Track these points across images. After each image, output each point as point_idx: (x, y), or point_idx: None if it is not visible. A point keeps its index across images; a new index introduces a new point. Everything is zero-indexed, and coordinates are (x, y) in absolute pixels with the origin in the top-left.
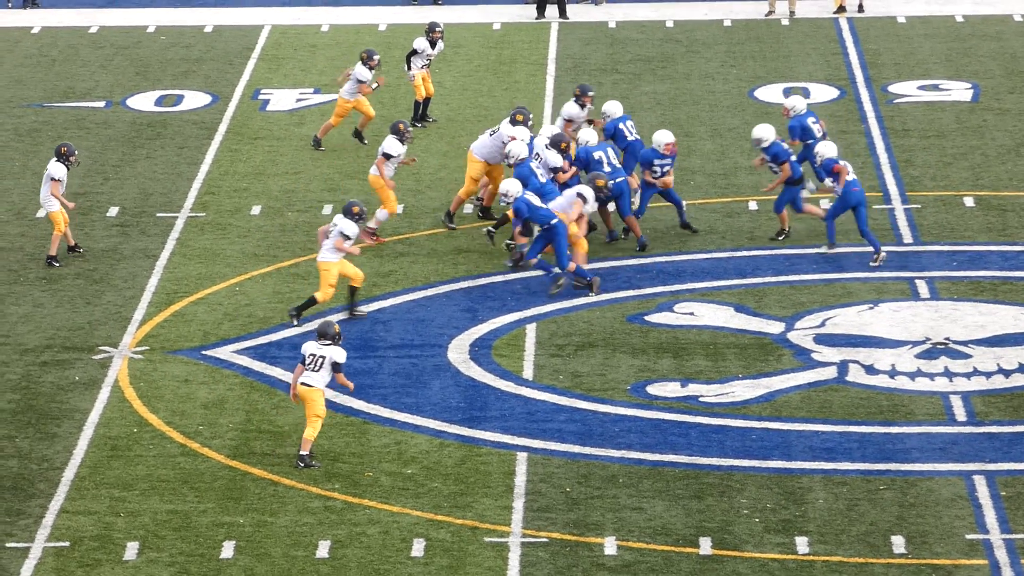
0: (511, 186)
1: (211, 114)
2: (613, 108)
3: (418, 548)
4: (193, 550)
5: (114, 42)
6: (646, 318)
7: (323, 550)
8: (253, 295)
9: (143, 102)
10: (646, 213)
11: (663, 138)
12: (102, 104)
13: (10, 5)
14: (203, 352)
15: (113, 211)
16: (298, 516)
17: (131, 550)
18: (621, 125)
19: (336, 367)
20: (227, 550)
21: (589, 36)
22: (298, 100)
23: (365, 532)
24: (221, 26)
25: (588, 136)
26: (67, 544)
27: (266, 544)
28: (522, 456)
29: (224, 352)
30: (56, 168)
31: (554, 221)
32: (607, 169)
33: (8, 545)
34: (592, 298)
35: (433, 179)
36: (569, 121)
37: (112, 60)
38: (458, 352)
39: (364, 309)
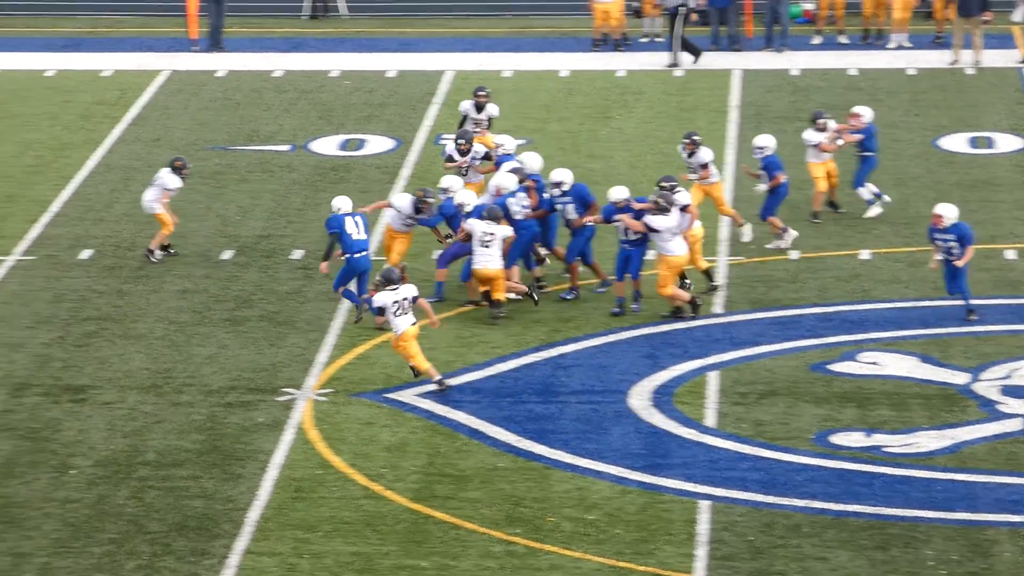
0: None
1: (394, 159)
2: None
3: None
4: None
5: (298, 86)
6: (829, 367)
7: None
8: (436, 339)
9: (326, 146)
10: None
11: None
12: (286, 148)
13: (196, 48)
14: (386, 395)
15: (297, 254)
16: (480, 560)
17: None
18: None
19: (415, 299)
20: None
21: (772, 83)
22: None
23: None
24: (404, 71)
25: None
26: None
27: None
28: (704, 504)
29: (407, 395)
30: (171, 179)
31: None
32: None
33: None
34: (773, 347)
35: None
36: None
37: (296, 104)
38: (639, 399)
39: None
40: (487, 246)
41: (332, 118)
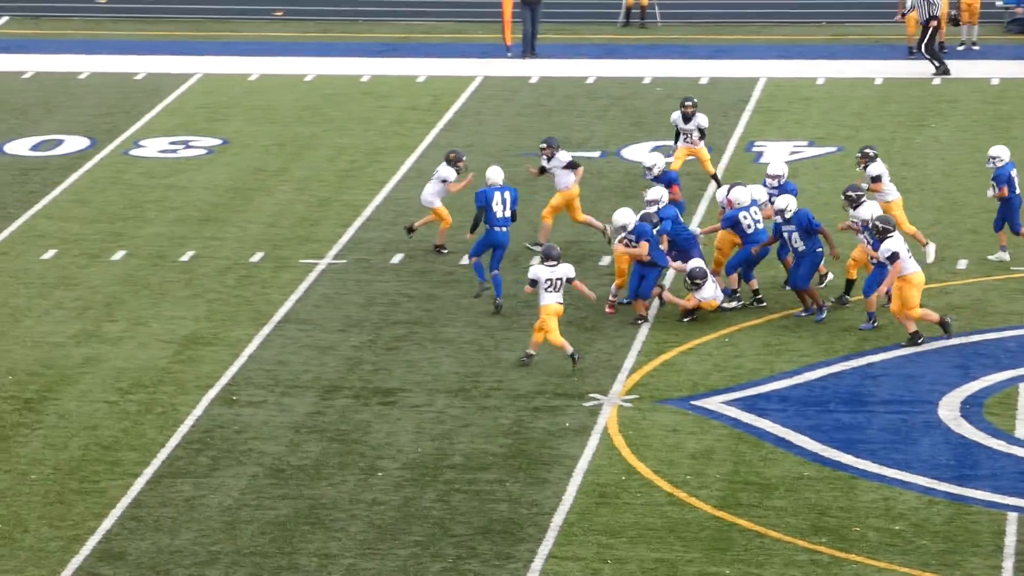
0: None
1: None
2: None
3: None
4: None
5: (610, 92)
6: None
7: None
8: (743, 346)
9: (638, 153)
10: None
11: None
12: (597, 154)
13: (510, 55)
14: (691, 402)
15: (606, 260)
16: (784, 569)
17: None
18: None
19: (570, 280)
20: None
21: None
22: (792, 152)
23: None
24: (716, 78)
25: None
26: None
27: None
28: (1012, 516)
29: (712, 403)
30: (447, 171)
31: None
32: None
33: None
34: None
35: (926, 235)
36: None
37: (608, 111)
38: (949, 409)
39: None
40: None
41: (644, 124)
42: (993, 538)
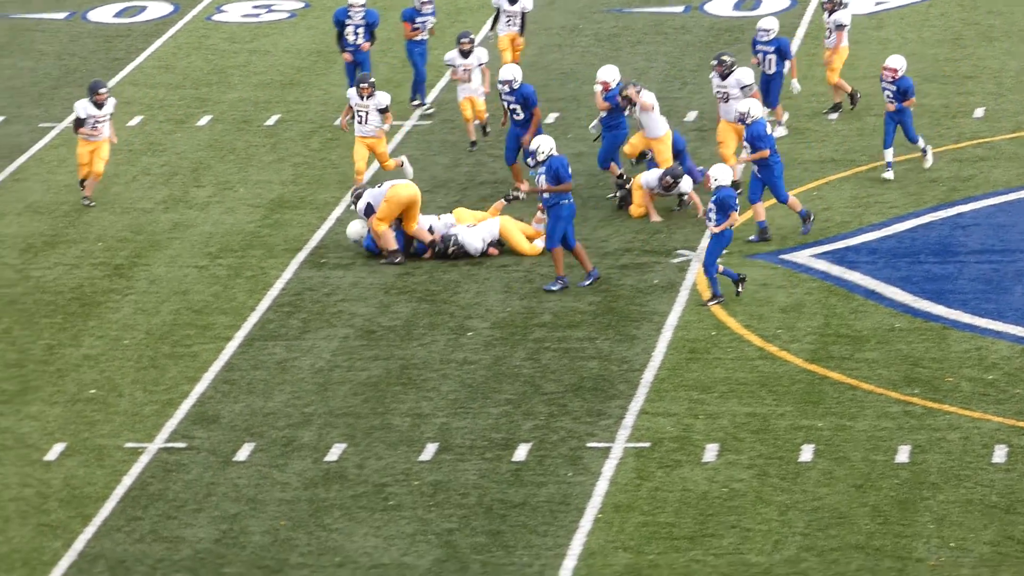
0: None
1: (789, 18)
2: None
3: (999, 454)
4: (772, 453)
5: None
6: None
7: (903, 455)
8: (831, 199)
9: (721, 7)
10: None
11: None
12: (680, 9)
13: None
14: (780, 256)
15: (691, 115)
16: (877, 421)
17: (710, 452)
18: None
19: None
20: (806, 453)
21: None
22: (877, 4)
23: (945, 437)
24: None
25: None
26: (647, 445)
27: (845, 448)
28: None
29: (802, 256)
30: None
31: None
32: None
33: (589, 445)
34: None
35: (1015, 82)
36: None
37: None
38: None
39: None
40: None
41: None
42: None
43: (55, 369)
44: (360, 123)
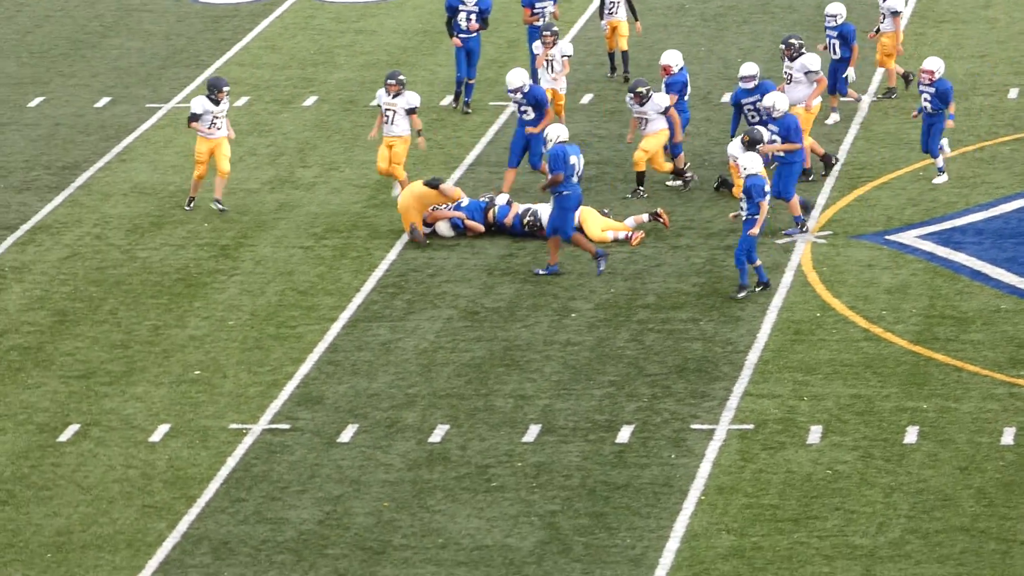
0: None
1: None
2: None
3: None
4: (876, 435)
5: None
6: None
7: (1008, 437)
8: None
9: None
10: None
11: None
12: None
13: None
14: (886, 237)
15: None
16: (982, 403)
17: (814, 434)
18: None
19: None
20: (910, 435)
21: None
22: None
23: None
24: None
25: None
26: (751, 427)
27: (950, 430)
28: None
29: (907, 237)
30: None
31: None
32: None
33: (693, 427)
34: None
35: None
36: None
37: None
38: None
39: None
40: None
41: None
42: None
43: (160, 350)
44: (387, 122)
